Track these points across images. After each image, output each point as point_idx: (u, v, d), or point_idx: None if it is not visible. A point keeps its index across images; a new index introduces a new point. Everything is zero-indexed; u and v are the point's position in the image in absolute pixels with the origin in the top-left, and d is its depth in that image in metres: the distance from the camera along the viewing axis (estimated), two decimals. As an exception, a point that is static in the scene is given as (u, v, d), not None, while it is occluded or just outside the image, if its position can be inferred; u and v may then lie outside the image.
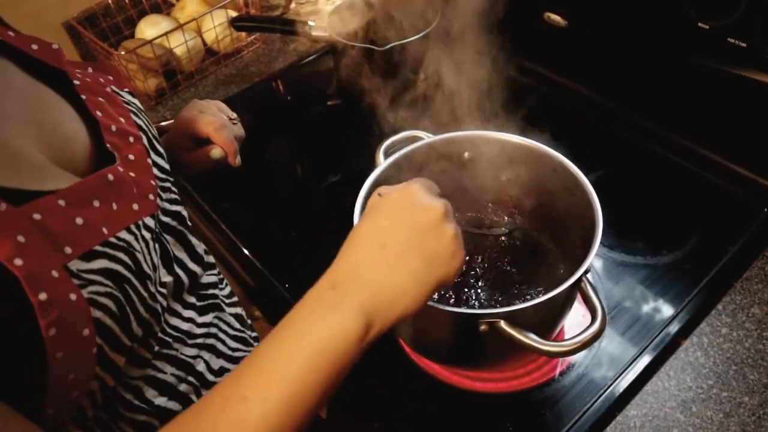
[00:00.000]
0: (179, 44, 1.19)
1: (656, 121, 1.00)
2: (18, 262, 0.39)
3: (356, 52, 1.07)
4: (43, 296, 0.40)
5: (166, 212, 0.59)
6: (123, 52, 1.15)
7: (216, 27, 1.23)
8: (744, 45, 0.82)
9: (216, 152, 0.74)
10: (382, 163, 0.74)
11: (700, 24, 0.86)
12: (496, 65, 0.85)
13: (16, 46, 0.52)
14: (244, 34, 1.30)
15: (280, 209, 0.99)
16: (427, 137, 0.78)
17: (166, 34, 1.16)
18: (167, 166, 0.62)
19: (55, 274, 0.41)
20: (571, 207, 0.71)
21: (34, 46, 0.53)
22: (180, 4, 1.31)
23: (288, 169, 1.07)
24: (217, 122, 0.74)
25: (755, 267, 0.79)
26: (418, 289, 0.47)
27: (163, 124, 0.78)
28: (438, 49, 0.92)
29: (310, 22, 1.14)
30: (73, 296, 0.42)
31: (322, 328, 0.44)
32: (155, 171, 0.58)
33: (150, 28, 1.24)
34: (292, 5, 1.43)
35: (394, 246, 0.47)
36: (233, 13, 1.27)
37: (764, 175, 0.89)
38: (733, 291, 0.77)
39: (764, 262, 0.80)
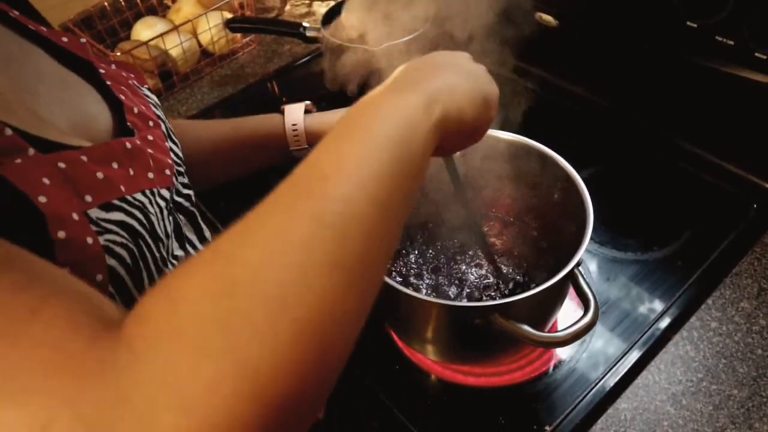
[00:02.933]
0: (175, 46, 1.20)
1: (647, 118, 1.01)
2: (42, 199, 0.41)
3: (350, 53, 1.08)
4: (62, 234, 0.41)
5: (179, 193, 0.62)
6: (119, 54, 1.16)
7: (211, 28, 1.24)
8: (732, 43, 0.83)
9: None
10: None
11: (688, 22, 0.87)
12: (488, 64, 0.86)
13: (48, 38, 0.56)
14: (239, 35, 1.31)
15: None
16: None
17: (161, 35, 1.17)
18: (182, 155, 0.65)
19: (75, 216, 0.43)
20: (563, 202, 0.72)
21: (65, 39, 0.58)
22: (175, 6, 1.32)
23: (284, 169, 1.07)
24: None
25: (744, 262, 0.80)
26: (469, 85, 0.49)
27: None
28: (431, 49, 0.93)
29: (304, 24, 1.15)
30: (90, 240, 0.43)
31: (385, 106, 0.42)
32: (171, 155, 0.61)
33: (146, 29, 1.25)
34: (287, 7, 1.44)
35: (435, 61, 0.51)
36: (228, 15, 1.28)
37: (754, 172, 0.90)
38: (722, 286, 0.78)
39: (753, 258, 0.81)
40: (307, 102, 0.89)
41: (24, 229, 0.40)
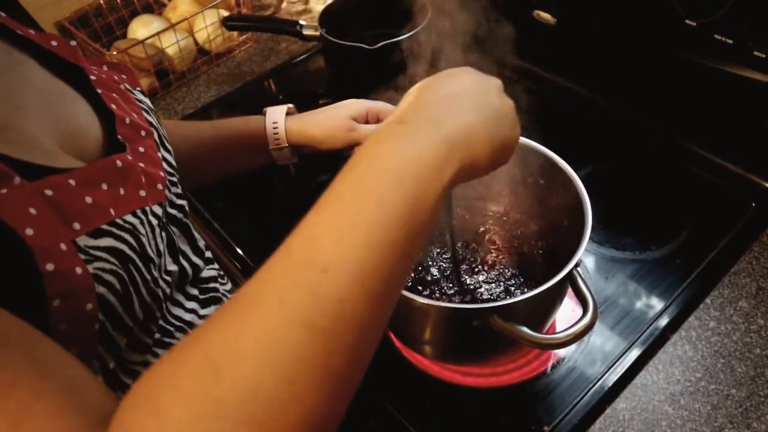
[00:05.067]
0: (171, 44, 1.20)
1: (645, 117, 1.01)
2: (29, 231, 0.40)
3: (347, 51, 1.07)
4: (50, 267, 0.41)
5: (173, 205, 0.61)
6: (115, 53, 1.15)
7: (208, 27, 1.24)
8: (730, 42, 0.83)
9: None
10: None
11: (687, 21, 0.86)
12: (485, 62, 0.85)
13: (37, 42, 0.54)
14: (235, 33, 1.30)
15: (273, 208, 1.00)
16: None
17: (157, 34, 1.16)
18: (174, 163, 0.64)
19: (63, 247, 0.42)
20: (561, 202, 0.72)
21: (54, 43, 0.56)
22: (172, 4, 1.31)
23: (280, 168, 1.07)
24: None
25: (743, 261, 0.80)
26: (488, 136, 0.44)
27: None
28: (428, 46, 0.93)
29: (301, 22, 1.14)
30: (78, 270, 0.43)
31: (397, 155, 0.38)
32: (164, 165, 0.60)
33: (142, 28, 1.24)
34: (284, 5, 1.43)
35: (465, 94, 0.45)
36: (225, 13, 1.28)
37: (752, 171, 0.90)
38: (721, 285, 0.78)
39: (752, 257, 0.81)
40: (290, 105, 0.88)
41: (11, 263, 0.39)
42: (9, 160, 0.42)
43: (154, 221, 0.54)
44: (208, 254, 0.69)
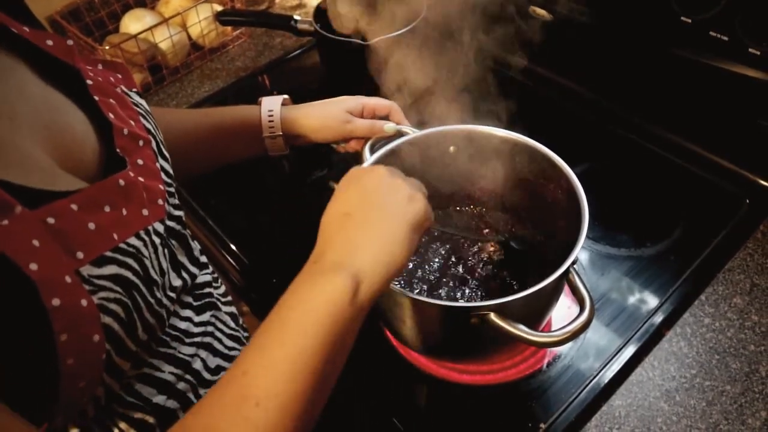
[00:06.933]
0: (164, 39, 1.19)
1: (640, 113, 1.01)
2: (33, 266, 0.39)
3: (342, 47, 1.07)
4: (56, 302, 0.40)
5: (171, 217, 0.59)
6: (107, 47, 1.14)
7: (201, 21, 1.23)
8: (726, 38, 0.83)
9: (391, 127, 0.83)
10: (368, 158, 0.74)
11: (682, 18, 0.86)
12: (481, 59, 0.85)
13: (31, 42, 0.51)
14: (229, 28, 1.29)
15: (267, 205, 0.99)
16: (412, 132, 0.78)
17: (150, 28, 1.15)
18: (171, 171, 0.62)
19: (68, 279, 0.41)
20: (558, 199, 0.72)
21: (49, 42, 0.53)
22: (164, -1, 1.30)
23: (274, 165, 1.07)
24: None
25: (737, 258, 0.81)
26: (395, 238, 0.51)
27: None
28: (424, 42, 0.92)
29: (295, 17, 1.14)
30: (84, 302, 0.42)
31: (311, 297, 0.46)
32: (162, 176, 0.58)
33: (134, 22, 1.23)
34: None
35: (358, 210, 0.52)
36: (218, 8, 1.26)
37: (746, 167, 0.90)
38: (715, 282, 0.78)
39: (746, 254, 0.81)
40: (285, 96, 0.88)
41: (16, 301, 0.38)
42: (8, 186, 0.40)
43: (157, 240, 0.53)
44: (203, 259, 0.68)
